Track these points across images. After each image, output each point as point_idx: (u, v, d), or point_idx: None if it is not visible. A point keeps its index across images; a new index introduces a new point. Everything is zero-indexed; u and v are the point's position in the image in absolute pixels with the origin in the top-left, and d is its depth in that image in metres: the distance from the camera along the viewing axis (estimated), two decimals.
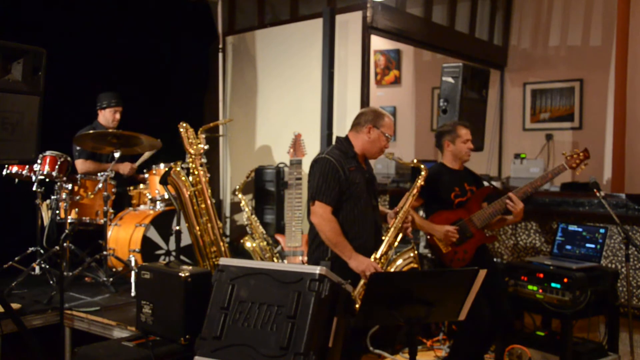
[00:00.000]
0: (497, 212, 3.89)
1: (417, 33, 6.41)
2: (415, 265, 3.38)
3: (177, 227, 4.28)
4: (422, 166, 3.54)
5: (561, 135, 7.32)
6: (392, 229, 3.36)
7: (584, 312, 3.86)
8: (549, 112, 7.41)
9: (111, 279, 4.62)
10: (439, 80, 5.31)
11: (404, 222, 3.39)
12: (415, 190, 3.48)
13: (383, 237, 3.35)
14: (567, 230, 4.28)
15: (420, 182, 3.51)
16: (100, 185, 4.72)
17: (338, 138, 3.50)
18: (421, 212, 4.29)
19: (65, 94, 5.14)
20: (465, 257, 3.88)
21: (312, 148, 4.58)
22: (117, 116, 5.23)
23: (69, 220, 4.78)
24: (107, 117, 5.22)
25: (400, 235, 3.37)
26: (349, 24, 5.84)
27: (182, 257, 4.69)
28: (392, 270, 3.34)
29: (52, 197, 4.85)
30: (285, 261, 4.55)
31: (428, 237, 4.00)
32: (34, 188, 4.75)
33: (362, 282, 3.22)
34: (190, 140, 4.40)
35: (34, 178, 4.69)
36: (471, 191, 3.98)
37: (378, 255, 3.29)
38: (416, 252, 3.41)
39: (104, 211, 4.72)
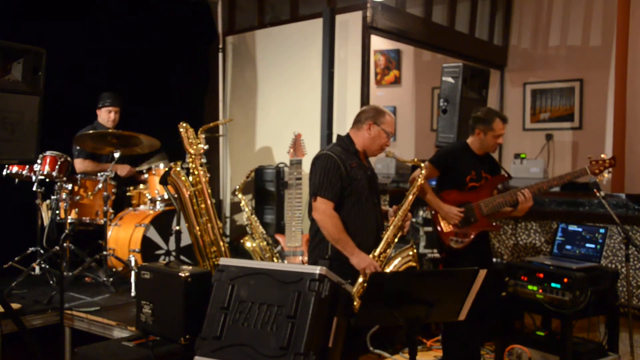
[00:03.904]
0: (507, 202, 3.91)
1: (417, 33, 6.41)
2: (414, 264, 3.38)
3: (177, 227, 4.29)
4: (422, 164, 3.54)
5: (561, 135, 7.33)
6: (391, 227, 3.36)
7: (584, 312, 3.86)
8: (549, 112, 7.42)
9: (111, 279, 4.62)
10: (439, 80, 5.31)
11: (404, 221, 3.39)
12: (415, 189, 3.49)
13: (382, 235, 3.35)
14: (567, 230, 4.28)
15: (420, 180, 3.51)
16: (100, 186, 4.72)
17: (339, 136, 3.50)
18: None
19: (65, 94, 5.14)
20: (465, 241, 3.91)
21: (312, 148, 4.57)
22: (112, 116, 5.22)
23: (69, 220, 4.78)
24: (103, 116, 5.23)
25: (399, 234, 3.37)
26: (349, 24, 5.84)
27: (182, 257, 4.68)
28: (391, 268, 3.34)
29: (52, 197, 4.85)
30: (285, 261, 4.55)
31: (432, 212, 4.03)
32: (34, 188, 4.74)
33: (360, 279, 3.22)
34: (190, 140, 4.40)
35: (34, 178, 4.69)
36: (486, 178, 4.01)
37: (377, 253, 3.29)
38: (415, 250, 3.41)
39: (104, 211, 4.72)
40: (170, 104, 6.13)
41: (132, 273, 4.45)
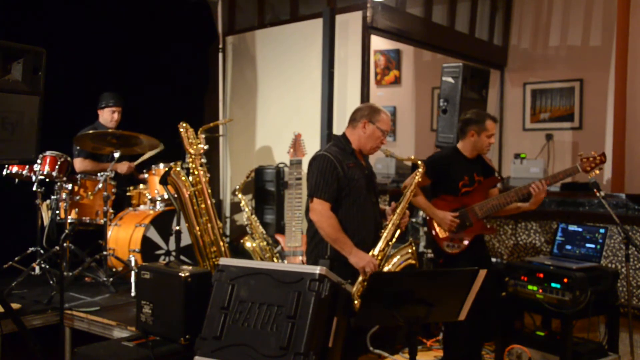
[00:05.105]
0: (501, 205, 3.92)
1: (417, 33, 6.41)
2: (413, 262, 3.38)
3: (177, 227, 4.29)
4: (419, 162, 3.55)
5: (561, 135, 7.32)
6: (390, 225, 3.36)
7: (584, 312, 3.86)
8: (549, 112, 7.41)
9: (111, 279, 4.62)
10: (439, 80, 5.31)
11: (402, 219, 3.39)
12: (413, 187, 3.49)
13: (381, 234, 3.36)
14: (567, 230, 4.28)
15: (418, 178, 3.52)
16: (100, 185, 4.73)
17: (335, 135, 3.51)
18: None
19: (65, 94, 5.14)
20: (461, 245, 3.92)
21: (312, 148, 4.56)
22: (115, 116, 5.23)
23: (69, 220, 4.78)
24: (106, 117, 5.23)
25: (398, 232, 3.37)
26: (349, 24, 5.83)
27: (182, 257, 4.68)
28: (390, 266, 3.34)
29: (52, 197, 4.85)
30: (285, 261, 4.55)
31: (427, 218, 4.03)
32: (34, 188, 4.75)
33: (360, 279, 3.23)
34: (190, 140, 4.40)
35: (34, 178, 4.69)
36: (479, 182, 4.00)
37: (376, 251, 3.29)
38: (414, 248, 3.41)
39: (104, 211, 4.72)
40: (170, 104, 6.13)
41: (132, 273, 4.45)
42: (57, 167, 4.72)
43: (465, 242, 3.92)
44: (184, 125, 4.43)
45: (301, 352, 2.54)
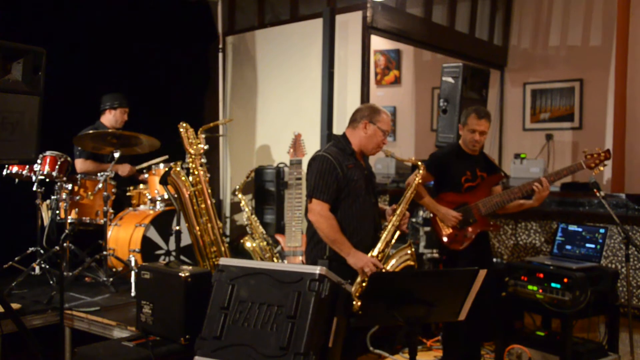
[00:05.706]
0: (504, 202, 3.92)
1: (417, 33, 6.41)
2: (412, 263, 3.37)
3: (177, 227, 4.29)
4: (420, 163, 3.55)
5: (561, 135, 7.33)
6: (389, 226, 3.36)
7: (584, 312, 3.86)
8: (549, 112, 7.42)
9: (111, 279, 4.62)
10: (439, 80, 5.31)
11: (402, 220, 3.39)
12: (413, 188, 3.49)
13: (380, 235, 3.35)
14: (567, 230, 4.28)
15: (418, 180, 3.51)
16: (100, 186, 4.72)
17: (335, 136, 3.50)
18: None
19: (65, 94, 5.14)
20: (465, 242, 3.92)
21: (312, 148, 4.57)
22: (126, 117, 5.27)
23: (69, 220, 4.78)
24: (117, 117, 5.24)
25: (397, 233, 3.37)
26: (349, 24, 5.84)
27: (182, 257, 4.68)
28: (389, 267, 3.34)
29: (52, 197, 4.85)
30: (285, 261, 4.55)
31: (431, 215, 4.03)
32: (34, 188, 4.74)
33: (359, 279, 3.22)
34: (190, 140, 4.40)
35: (34, 178, 4.69)
36: (482, 177, 4.00)
37: (375, 252, 3.28)
38: (413, 249, 3.41)
39: (104, 211, 4.72)
40: (170, 103, 6.13)
41: (132, 273, 4.45)
42: (57, 167, 4.72)
43: (469, 239, 3.92)
44: (184, 125, 4.43)
45: (301, 352, 2.54)
